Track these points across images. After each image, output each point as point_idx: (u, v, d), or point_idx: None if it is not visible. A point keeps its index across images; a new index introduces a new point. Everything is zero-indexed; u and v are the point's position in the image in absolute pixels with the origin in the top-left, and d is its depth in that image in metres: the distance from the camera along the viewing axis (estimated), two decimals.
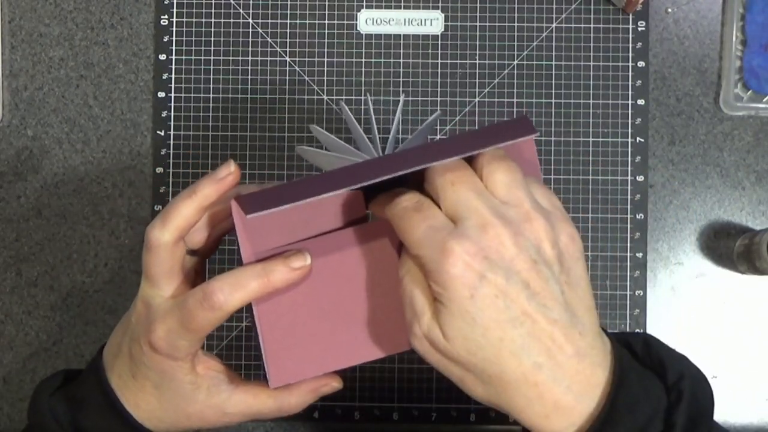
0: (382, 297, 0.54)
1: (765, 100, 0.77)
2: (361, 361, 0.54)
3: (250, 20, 0.78)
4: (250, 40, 0.78)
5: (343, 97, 0.77)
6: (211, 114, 0.78)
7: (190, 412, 0.55)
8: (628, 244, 0.76)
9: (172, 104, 0.78)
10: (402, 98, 0.63)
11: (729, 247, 0.77)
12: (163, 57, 0.78)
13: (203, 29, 0.78)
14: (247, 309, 0.53)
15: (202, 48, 0.78)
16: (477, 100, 0.77)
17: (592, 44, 0.77)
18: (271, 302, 0.53)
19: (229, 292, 0.50)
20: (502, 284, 0.44)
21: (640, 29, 0.77)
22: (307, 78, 0.78)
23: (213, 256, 0.58)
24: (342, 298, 0.54)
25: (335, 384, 0.56)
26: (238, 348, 0.76)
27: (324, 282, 0.54)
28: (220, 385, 0.55)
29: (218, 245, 0.58)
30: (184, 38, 0.78)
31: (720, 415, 0.76)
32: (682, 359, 0.50)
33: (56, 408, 0.55)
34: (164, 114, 0.78)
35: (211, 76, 0.78)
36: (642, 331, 0.76)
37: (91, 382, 0.56)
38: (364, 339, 0.54)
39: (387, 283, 0.54)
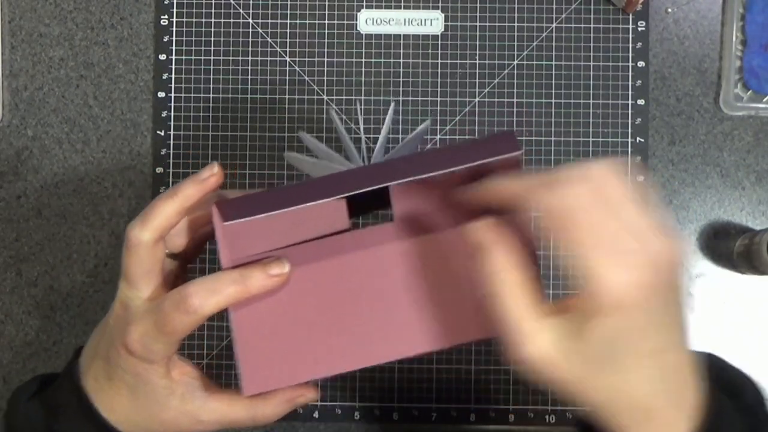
0: (363, 308, 0.54)
1: (765, 100, 0.77)
2: (337, 372, 0.54)
3: (250, 20, 0.78)
4: (250, 40, 0.78)
5: (343, 97, 0.77)
6: (211, 114, 0.78)
7: (164, 419, 0.54)
8: None
9: (172, 104, 0.78)
10: (392, 105, 0.62)
11: (729, 247, 0.77)
12: (163, 57, 0.78)
13: (203, 29, 0.78)
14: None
15: (202, 48, 0.78)
16: (477, 100, 0.77)
17: (592, 44, 0.77)
18: (248, 309, 0.53)
19: (205, 296, 0.50)
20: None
21: (640, 29, 0.78)
22: (307, 78, 0.78)
23: (202, 258, 0.58)
24: (321, 308, 0.54)
25: (311, 395, 0.55)
26: (228, 357, 0.76)
27: (304, 291, 0.54)
28: (195, 391, 0.54)
29: (201, 251, 0.58)
30: (184, 38, 0.78)
31: None
32: (746, 378, 0.53)
33: (32, 414, 0.55)
34: (164, 114, 0.78)
35: (211, 76, 0.78)
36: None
37: (66, 387, 0.55)
38: (343, 349, 0.54)
39: (369, 294, 0.54)
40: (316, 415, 0.76)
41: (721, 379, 0.50)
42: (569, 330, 0.45)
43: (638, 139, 0.77)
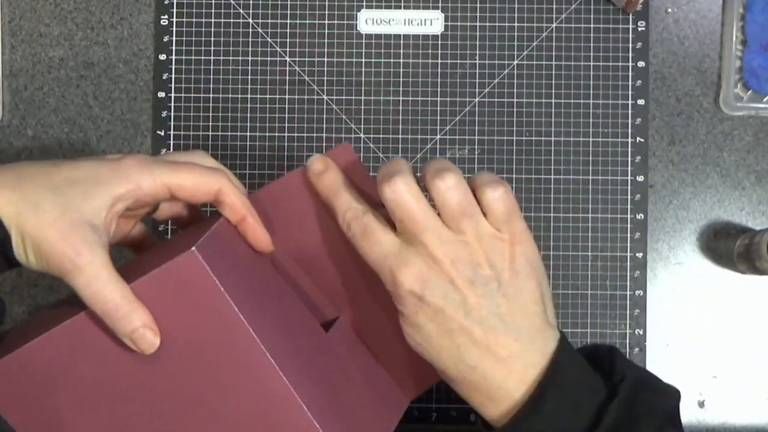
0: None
1: (765, 100, 0.77)
2: None
3: (250, 20, 0.78)
4: (250, 40, 0.78)
5: (343, 97, 0.77)
6: (211, 114, 0.78)
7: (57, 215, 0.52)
8: (628, 244, 0.76)
9: (172, 104, 0.78)
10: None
11: (729, 247, 0.77)
12: (163, 57, 0.78)
13: (203, 29, 0.78)
14: None
15: (202, 48, 0.78)
16: (477, 100, 0.77)
17: (592, 44, 0.77)
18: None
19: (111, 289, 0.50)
20: (441, 303, 0.51)
21: (640, 29, 0.78)
22: (307, 78, 0.78)
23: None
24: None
25: None
26: None
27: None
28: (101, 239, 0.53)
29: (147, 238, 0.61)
30: (184, 38, 0.78)
31: (720, 415, 0.76)
32: (639, 369, 0.55)
33: None
34: (164, 114, 0.78)
35: (211, 76, 0.78)
36: (642, 331, 0.76)
37: None
38: None
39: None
40: None
41: (607, 364, 0.54)
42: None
43: (638, 139, 0.77)
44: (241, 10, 0.78)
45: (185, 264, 0.49)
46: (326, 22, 0.78)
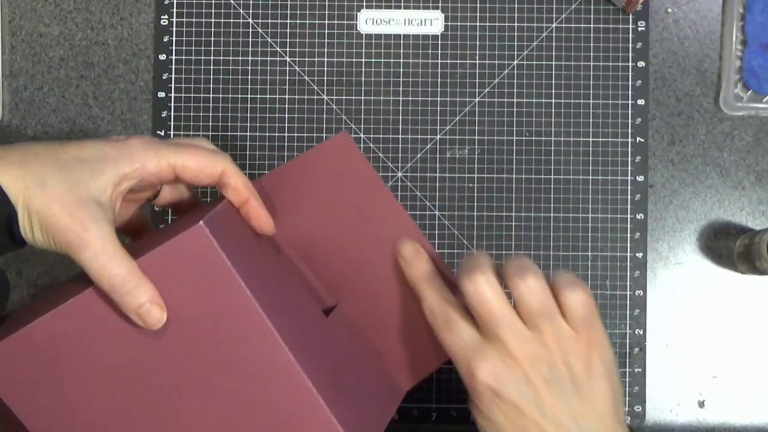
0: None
1: (765, 100, 0.77)
2: None
3: (250, 20, 0.78)
4: (250, 40, 0.78)
5: (343, 97, 0.77)
6: (211, 114, 0.78)
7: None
8: (628, 244, 0.76)
9: (172, 104, 0.78)
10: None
11: (729, 247, 0.77)
12: (163, 57, 0.78)
13: (203, 29, 0.78)
14: None
15: (202, 48, 0.78)
16: (477, 100, 0.77)
17: (592, 44, 0.77)
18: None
19: (119, 264, 0.50)
20: (516, 400, 0.53)
21: (640, 29, 0.78)
22: (307, 78, 0.78)
23: None
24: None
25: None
26: None
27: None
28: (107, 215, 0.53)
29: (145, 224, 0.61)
30: (184, 38, 0.78)
31: (720, 415, 0.76)
32: None
33: None
34: (164, 114, 0.78)
35: (211, 76, 0.78)
36: (642, 331, 0.76)
37: None
38: None
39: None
40: None
41: None
42: None
43: (638, 139, 0.77)
44: (241, 10, 0.78)
45: (193, 238, 0.49)
46: (326, 22, 0.78)
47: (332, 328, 0.58)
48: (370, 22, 0.78)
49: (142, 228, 0.62)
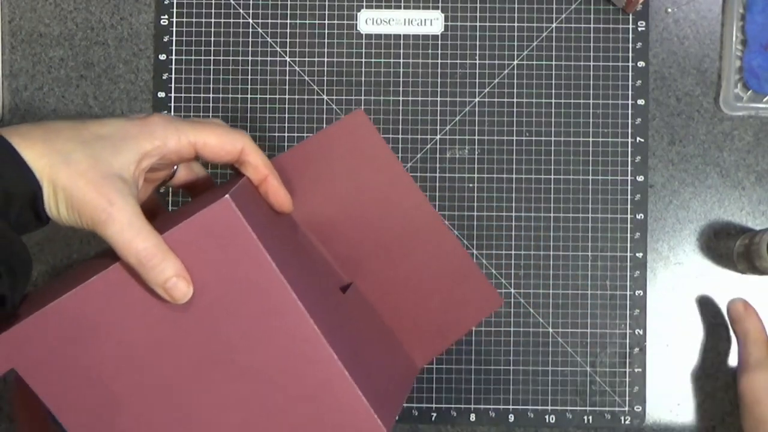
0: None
1: (765, 100, 0.77)
2: None
3: (250, 20, 0.78)
4: (250, 40, 0.78)
5: (343, 97, 0.77)
6: (211, 114, 0.78)
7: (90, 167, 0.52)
8: (628, 244, 0.76)
9: (172, 104, 0.78)
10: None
11: (729, 247, 0.77)
12: (163, 57, 0.78)
13: (203, 29, 0.78)
14: None
15: (202, 48, 0.78)
16: (477, 100, 0.77)
17: (592, 44, 0.77)
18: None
19: (144, 238, 0.50)
20: None
21: (640, 29, 0.78)
22: (307, 78, 0.78)
23: None
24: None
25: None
26: None
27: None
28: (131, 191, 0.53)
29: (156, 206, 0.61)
30: (184, 38, 0.78)
31: (720, 415, 0.76)
32: None
33: None
34: (164, 114, 0.78)
35: (211, 76, 0.78)
36: (642, 331, 0.76)
37: None
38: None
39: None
40: None
41: None
42: None
43: (638, 139, 0.77)
44: (241, 10, 0.78)
45: (219, 211, 0.50)
46: (326, 22, 0.78)
47: (348, 305, 0.58)
48: (370, 22, 0.78)
49: (155, 210, 0.61)
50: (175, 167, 0.59)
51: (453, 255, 0.60)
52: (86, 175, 0.51)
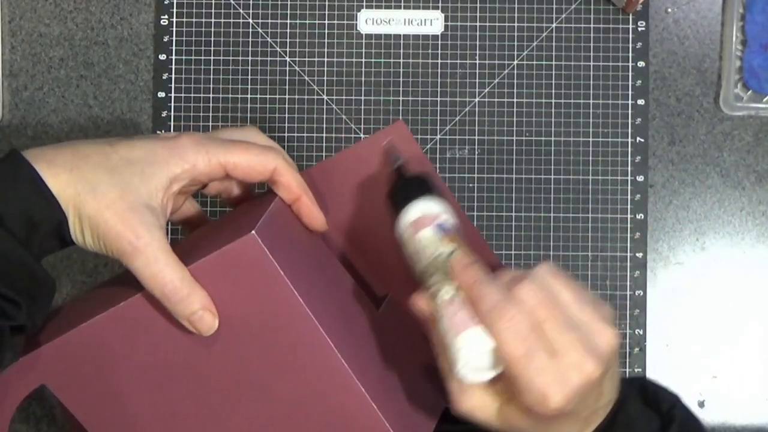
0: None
1: (765, 100, 0.77)
2: None
3: (250, 20, 0.78)
4: (250, 40, 0.78)
5: (343, 97, 0.77)
6: (211, 114, 0.78)
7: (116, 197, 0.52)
8: (628, 244, 0.76)
9: (172, 104, 0.78)
10: None
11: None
12: (163, 57, 0.78)
13: (203, 29, 0.78)
14: None
15: (202, 48, 0.78)
16: (477, 100, 0.77)
17: (592, 44, 0.77)
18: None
19: (171, 272, 0.50)
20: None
21: (640, 29, 0.77)
22: (307, 78, 0.78)
23: None
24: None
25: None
26: None
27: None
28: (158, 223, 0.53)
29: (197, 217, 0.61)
30: (184, 38, 0.78)
31: (720, 415, 0.76)
32: (675, 395, 0.57)
33: None
34: (164, 114, 0.78)
35: (211, 76, 0.78)
36: (642, 331, 0.76)
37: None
38: None
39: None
40: None
41: (648, 397, 0.56)
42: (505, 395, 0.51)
43: (638, 139, 0.77)
44: (241, 10, 0.78)
45: (245, 247, 0.49)
46: (326, 22, 0.78)
47: (383, 321, 0.58)
48: (370, 22, 0.78)
49: (194, 217, 0.61)
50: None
51: (490, 258, 0.60)
52: (113, 206, 0.51)
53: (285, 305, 0.50)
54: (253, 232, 0.49)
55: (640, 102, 0.77)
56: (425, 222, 0.54)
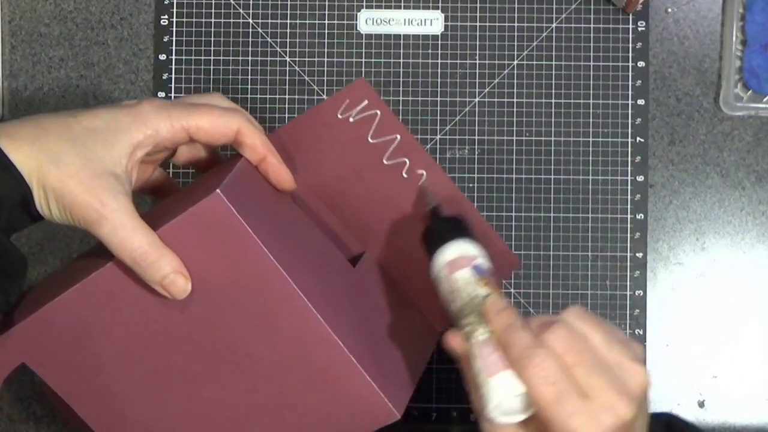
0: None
1: (765, 100, 0.77)
2: None
3: (250, 20, 0.78)
4: (250, 40, 0.78)
5: None
6: None
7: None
8: (628, 244, 0.76)
9: None
10: None
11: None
12: (163, 57, 0.78)
13: (203, 29, 0.78)
14: None
15: (202, 48, 0.78)
16: (477, 100, 0.77)
17: (592, 44, 0.77)
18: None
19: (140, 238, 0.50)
20: None
21: (640, 29, 0.77)
22: (307, 78, 0.78)
23: None
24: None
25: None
26: None
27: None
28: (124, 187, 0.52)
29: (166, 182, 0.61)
30: (184, 38, 0.78)
31: (720, 415, 0.76)
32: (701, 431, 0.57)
33: None
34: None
35: (211, 76, 0.78)
36: (642, 331, 0.76)
37: None
38: None
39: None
40: None
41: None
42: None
43: (638, 139, 0.77)
44: (241, 10, 0.78)
45: (211, 207, 0.49)
46: (326, 22, 0.78)
47: (360, 277, 0.58)
48: (370, 22, 0.78)
49: (164, 186, 0.61)
50: (176, 148, 0.58)
51: (473, 219, 0.60)
52: (77, 176, 0.50)
53: (256, 264, 0.50)
54: (218, 191, 0.49)
55: (640, 102, 0.77)
56: (462, 263, 0.55)
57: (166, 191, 0.61)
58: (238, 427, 0.53)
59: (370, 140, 0.58)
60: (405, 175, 0.59)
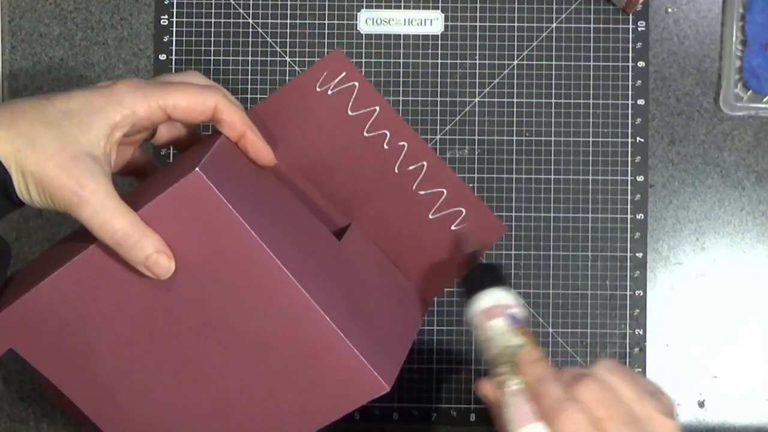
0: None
1: (765, 100, 0.77)
2: None
3: (250, 20, 0.78)
4: (250, 40, 0.78)
5: None
6: None
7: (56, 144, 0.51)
8: (628, 244, 0.76)
9: None
10: None
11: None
12: (163, 57, 0.78)
13: (203, 29, 0.78)
14: None
15: (202, 48, 0.78)
16: (477, 100, 0.77)
17: (592, 44, 0.77)
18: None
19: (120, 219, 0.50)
20: None
21: (640, 29, 0.78)
22: None
23: None
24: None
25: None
26: None
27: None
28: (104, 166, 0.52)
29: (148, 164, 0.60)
30: (184, 38, 0.78)
31: (720, 415, 0.76)
32: None
33: None
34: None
35: (211, 77, 0.77)
36: (642, 331, 0.76)
37: None
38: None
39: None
40: None
41: None
42: None
43: (638, 139, 0.77)
44: (241, 10, 0.78)
45: (191, 185, 0.49)
46: (326, 22, 0.78)
47: (346, 249, 0.57)
48: (370, 22, 0.78)
49: (145, 166, 0.61)
50: (155, 127, 0.58)
51: (456, 186, 0.60)
52: (54, 158, 0.50)
53: (239, 241, 0.50)
54: (197, 168, 0.49)
55: (640, 102, 0.77)
56: (498, 311, 0.55)
57: (148, 172, 0.61)
58: (228, 405, 0.53)
59: (349, 113, 0.58)
60: (386, 147, 0.58)
